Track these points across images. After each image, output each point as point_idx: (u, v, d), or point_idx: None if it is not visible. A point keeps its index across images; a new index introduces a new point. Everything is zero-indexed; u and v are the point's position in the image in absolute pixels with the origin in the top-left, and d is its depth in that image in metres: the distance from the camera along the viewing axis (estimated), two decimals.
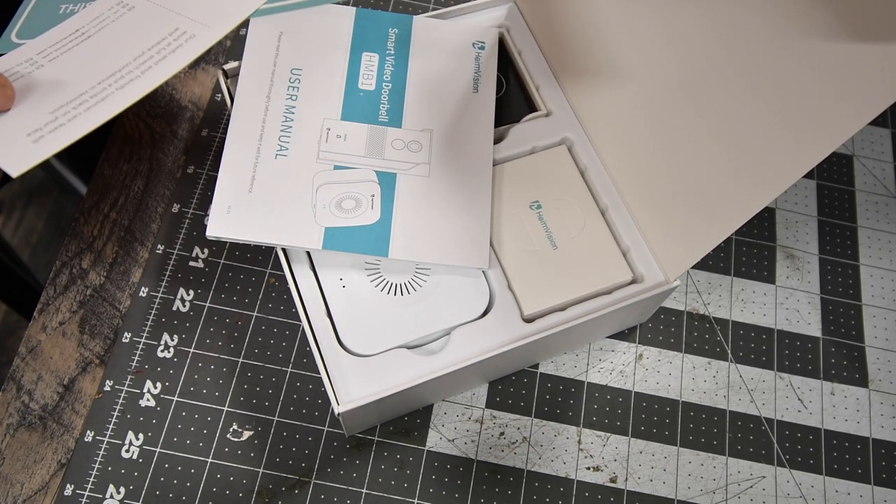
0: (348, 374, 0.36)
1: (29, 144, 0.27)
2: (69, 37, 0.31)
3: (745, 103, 0.32)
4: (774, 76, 0.31)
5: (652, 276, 0.39)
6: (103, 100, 0.28)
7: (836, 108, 0.29)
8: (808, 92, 0.29)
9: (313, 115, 0.40)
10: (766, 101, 0.31)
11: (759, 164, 0.32)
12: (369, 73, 0.42)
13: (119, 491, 0.39)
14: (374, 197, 0.38)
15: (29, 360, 0.41)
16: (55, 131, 0.27)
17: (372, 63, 0.42)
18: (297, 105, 0.40)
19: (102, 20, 0.32)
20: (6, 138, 0.27)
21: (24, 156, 0.27)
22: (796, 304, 0.46)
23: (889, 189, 0.50)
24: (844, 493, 0.41)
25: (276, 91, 0.40)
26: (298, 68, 0.41)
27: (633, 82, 0.38)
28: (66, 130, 0.27)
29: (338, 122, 0.40)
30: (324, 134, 0.40)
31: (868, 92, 0.27)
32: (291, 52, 0.41)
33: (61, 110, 0.28)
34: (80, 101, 0.28)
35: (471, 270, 0.39)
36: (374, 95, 0.41)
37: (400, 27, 0.43)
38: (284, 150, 0.39)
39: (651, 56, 0.37)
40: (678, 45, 0.35)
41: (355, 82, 0.42)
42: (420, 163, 0.40)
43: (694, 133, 0.35)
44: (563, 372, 0.43)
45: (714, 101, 0.34)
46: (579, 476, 0.40)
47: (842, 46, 0.28)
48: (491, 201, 0.40)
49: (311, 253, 0.39)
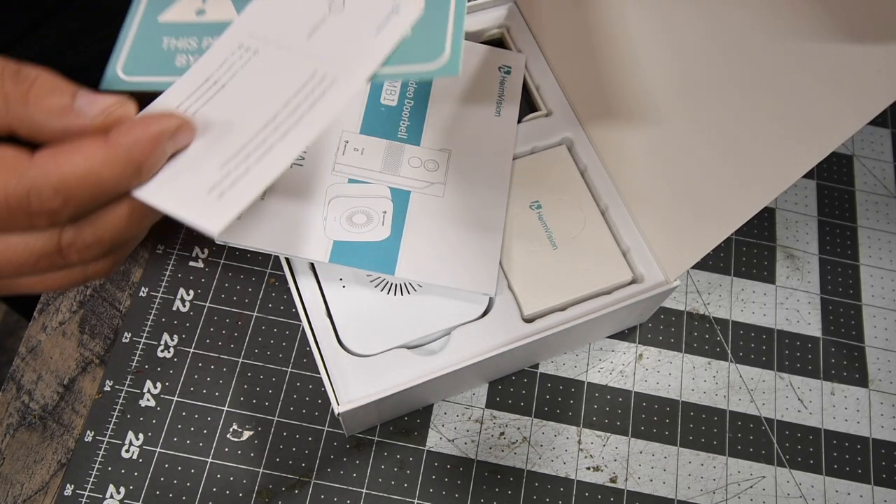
0: (348, 374, 0.36)
1: (214, 202, 0.26)
2: (203, 86, 0.30)
3: (744, 103, 0.32)
4: (774, 76, 0.31)
5: (652, 276, 0.39)
6: (268, 151, 0.27)
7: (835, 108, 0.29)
8: (808, 92, 0.29)
9: (332, 127, 0.40)
10: (765, 100, 0.31)
11: (759, 163, 0.32)
12: (392, 89, 0.42)
13: (119, 491, 0.39)
14: (385, 213, 0.38)
15: (29, 360, 0.41)
16: (234, 187, 0.26)
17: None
18: None
19: (230, 66, 0.31)
20: (191, 199, 0.26)
21: (217, 213, 0.26)
22: (796, 304, 0.46)
23: (889, 189, 0.50)
24: (844, 493, 0.41)
25: None
26: None
27: (634, 82, 0.38)
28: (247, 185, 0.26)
29: (356, 136, 0.40)
30: (341, 146, 0.40)
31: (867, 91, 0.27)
32: None
33: (231, 164, 0.27)
34: (245, 153, 0.27)
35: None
36: (395, 111, 0.41)
37: None
38: (300, 159, 0.39)
39: (651, 56, 0.37)
40: (678, 45, 0.35)
41: (377, 97, 0.41)
42: (435, 182, 0.40)
43: (694, 133, 0.35)
44: (563, 372, 0.43)
45: (714, 100, 0.34)
46: (579, 476, 0.40)
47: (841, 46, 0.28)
48: (504, 227, 0.39)
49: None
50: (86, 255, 0.27)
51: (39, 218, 0.25)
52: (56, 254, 0.27)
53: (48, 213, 0.25)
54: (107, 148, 0.26)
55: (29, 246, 0.26)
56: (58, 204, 0.25)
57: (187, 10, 0.34)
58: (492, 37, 0.46)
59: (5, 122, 0.26)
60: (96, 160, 0.25)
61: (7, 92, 0.26)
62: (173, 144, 0.28)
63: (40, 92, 0.26)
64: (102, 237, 0.27)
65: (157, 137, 0.27)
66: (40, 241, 0.26)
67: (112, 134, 0.26)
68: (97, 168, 0.25)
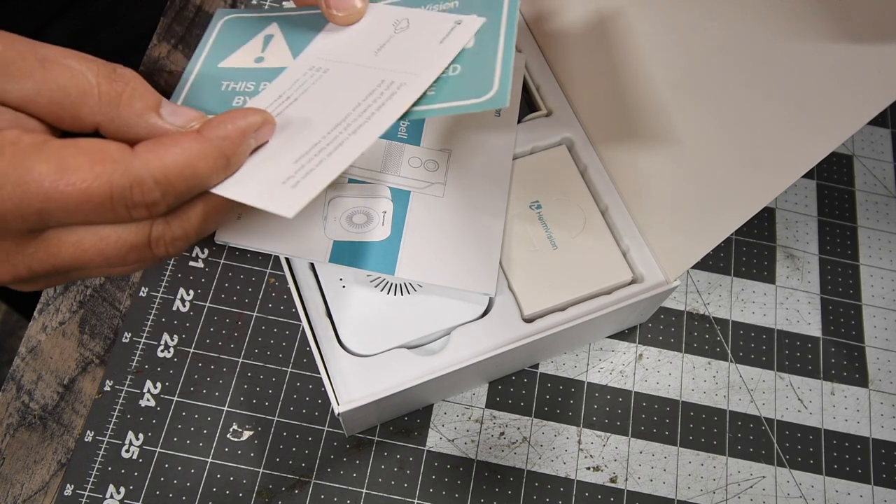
0: (348, 374, 0.36)
1: (289, 190, 0.27)
2: (277, 101, 0.32)
3: (744, 103, 0.32)
4: (773, 76, 0.31)
5: (652, 276, 0.39)
6: (341, 145, 0.29)
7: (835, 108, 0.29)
8: (808, 91, 0.29)
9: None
10: (765, 100, 0.31)
11: (759, 163, 0.32)
12: None
13: (119, 491, 0.39)
14: (385, 213, 0.38)
15: (29, 360, 0.41)
16: (308, 176, 0.28)
17: None
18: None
19: (302, 84, 0.32)
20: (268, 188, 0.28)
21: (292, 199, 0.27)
22: (796, 304, 0.46)
23: (889, 189, 0.50)
24: (844, 493, 0.41)
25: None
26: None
27: (634, 82, 0.38)
28: (319, 174, 0.28)
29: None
30: None
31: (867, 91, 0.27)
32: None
33: (304, 158, 0.28)
34: (318, 149, 0.29)
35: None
36: None
37: None
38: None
39: (651, 56, 0.37)
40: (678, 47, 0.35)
41: None
42: (435, 182, 0.40)
43: (694, 132, 0.35)
44: (563, 372, 0.43)
45: (714, 100, 0.34)
46: (579, 476, 0.40)
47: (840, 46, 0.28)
48: (504, 227, 0.39)
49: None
50: (171, 249, 0.28)
51: (139, 209, 0.26)
52: (145, 247, 0.28)
53: (148, 204, 0.26)
54: (201, 141, 0.27)
55: (122, 238, 0.27)
56: (157, 195, 0.26)
57: (247, 58, 0.35)
58: None
59: (96, 119, 0.27)
60: (192, 153, 0.26)
61: (102, 92, 0.27)
62: (256, 140, 0.29)
63: (133, 95, 0.27)
64: (189, 231, 0.28)
65: (244, 131, 0.28)
66: (132, 234, 0.27)
67: (204, 129, 0.27)
68: (193, 160, 0.26)
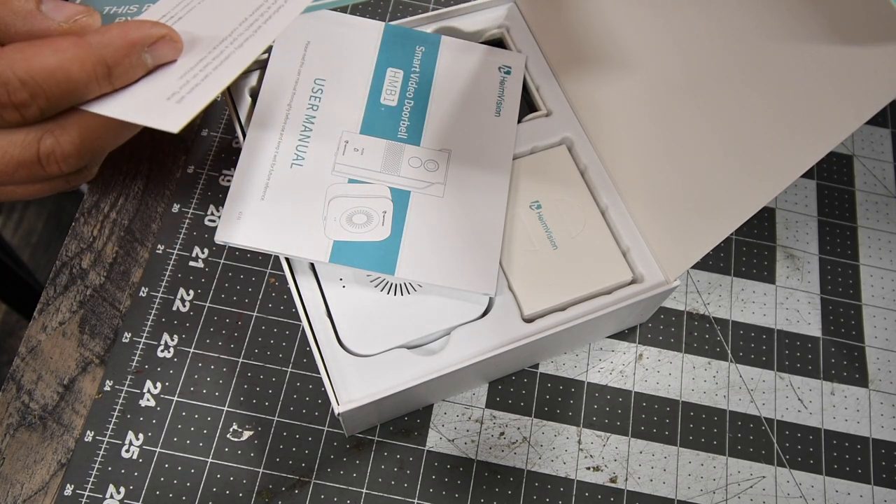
0: (348, 374, 0.36)
1: (174, 105, 0.27)
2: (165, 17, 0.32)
3: (743, 102, 0.32)
4: (772, 76, 0.31)
5: (652, 276, 0.39)
6: (227, 58, 0.29)
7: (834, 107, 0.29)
8: (807, 90, 0.29)
9: (333, 127, 0.40)
10: (764, 100, 0.31)
11: (759, 162, 0.33)
12: (392, 89, 0.42)
13: (119, 491, 0.39)
14: (385, 213, 0.38)
15: (29, 360, 0.41)
16: (193, 91, 0.28)
17: (396, 79, 0.42)
18: (317, 115, 0.40)
19: (188, 3, 0.33)
20: (151, 104, 0.27)
21: (176, 114, 0.27)
22: (796, 304, 0.46)
23: (889, 189, 0.50)
24: (844, 493, 0.41)
25: (297, 99, 0.40)
26: (322, 79, 0.41)
27: (634, 82, 0.38)
28: (205, 88, 0.28)
29: (356, 136, 0.40)
30: (341, 146, 0.40)
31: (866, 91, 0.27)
32: (317, 61, 0.41)
33: (189, 74, 0.28)
34: (203, 64, 0.29)
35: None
36: (395, 111, 0.41)
37: (427, 45, 0.43)
38: (300, 159, 0.39)
39: (650, 57, 0.37)
40: (677, 46, 0.35)
41: (377, 97, 0.41)
42: (435, 182, 0.40)
43: (693, 132, 0.35)
44: (563, 372, 0.43)
45: (713, 100, 0.34)
46: (579, 476, 0.40)
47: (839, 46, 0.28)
48: (504, 227, 0.39)
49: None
50: (65, 166, 0.28)
51: (7, 110, 0.26)
52: (36, 163, 0.27)
53: (16, 104, 0.26)
54: (78, 45, 0.26)
55: (7, 153, 0.27)
56: (25, 96, 0.25)
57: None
58: (492, 37, 0.46)
59: None
60: (66, 56, 0.26)
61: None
62: (152, 57, 0.28)
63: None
64: (80, 147, 0.28)
65: (133, 42, 0.27)
66: (18, 149, 0.27)
67: (86, 34, 0.27)
68: (66, 64, 0.26)
